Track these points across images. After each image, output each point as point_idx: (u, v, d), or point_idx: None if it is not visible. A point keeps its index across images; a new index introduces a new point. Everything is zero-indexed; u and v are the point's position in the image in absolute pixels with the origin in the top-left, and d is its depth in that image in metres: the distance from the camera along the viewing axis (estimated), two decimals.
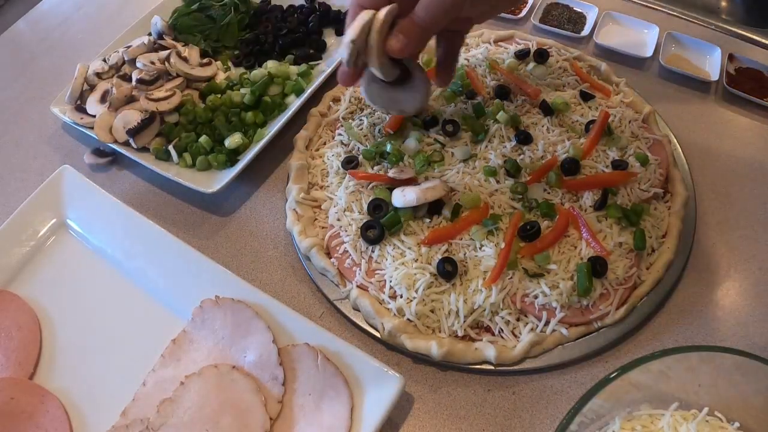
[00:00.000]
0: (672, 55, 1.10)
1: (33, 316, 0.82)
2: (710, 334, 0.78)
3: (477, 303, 0.76)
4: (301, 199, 0.90)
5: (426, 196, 0.81)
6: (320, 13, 1.15)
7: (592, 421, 0.62)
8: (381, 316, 0.77)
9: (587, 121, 0.92)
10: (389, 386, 0.69)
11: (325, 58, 1.12)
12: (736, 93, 1.02)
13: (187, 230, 0.93)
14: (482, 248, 0.80)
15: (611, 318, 0.76)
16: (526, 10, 1.19)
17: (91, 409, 0.75)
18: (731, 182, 0.93)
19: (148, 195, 0.99)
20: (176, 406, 0.70)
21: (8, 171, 1.06)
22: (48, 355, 0.80)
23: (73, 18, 1.35)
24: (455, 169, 0.87)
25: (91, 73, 1.07)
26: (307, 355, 0.73)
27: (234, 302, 0.77)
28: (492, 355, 0.74)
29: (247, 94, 1.01)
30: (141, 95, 1.01)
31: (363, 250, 0.83)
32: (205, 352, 0.76)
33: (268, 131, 0.98)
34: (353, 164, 0.90)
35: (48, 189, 0.91)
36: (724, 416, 0.62)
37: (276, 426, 0.70)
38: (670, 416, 0.61)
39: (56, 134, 1.10)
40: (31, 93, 1.18)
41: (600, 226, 0.81)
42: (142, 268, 0.84)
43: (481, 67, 1.02)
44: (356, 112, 1.00)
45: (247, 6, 1.19)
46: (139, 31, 1.16)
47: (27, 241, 0.89)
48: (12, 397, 0.74)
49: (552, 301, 0.75)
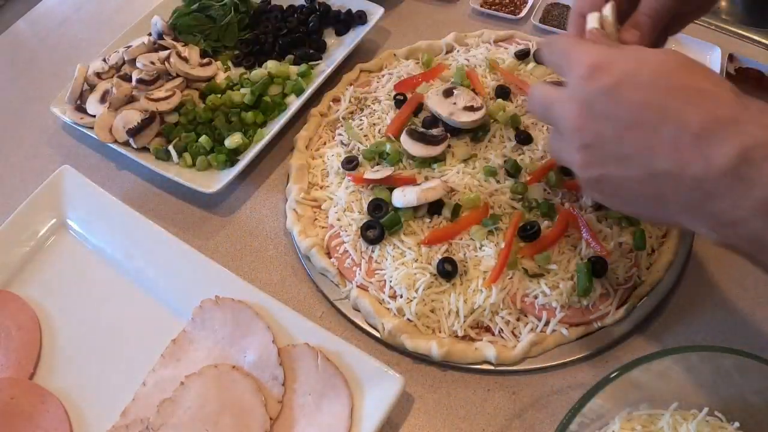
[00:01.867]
0: None
1: (33, 316, 0.82)
2: (710, 334, 0.78)
3: (477, 303, 0.76)
4: (301, 199, 0.90)
5: (426, 196, 0.81)
6: (320, 13, 1.15)
7: (592, 421, 0.62)
8: (381, 316, 0.77)
9: None
10: (389, 386, 0.69)
11: (325, 58, 1.11)
12: None
13: (187, 230, 0.93)
14: (482, 248, 0.80)
15: (611, 318, 0.76)
16: (526, 10, 1.19)
17: (91, 409, 0.75)
18: None
19: (148, 195, 0.99)
20: (176, 406, 0.70)
21: (8, 171, 1.06)
22: (48, 355, 0.80)
23: (73, 18, 1.35)
24: (455, 169, 0.87)
25: (91, 73, 1.07)
26: (307, 355, 0.73)
27: (234, 302, 0.77)
28: (492, 355, 0.74)
29: (247, 94, 1.01)
30: (141, 95, 1.01)
31: (363, 250, 0.83)
32: (205, 352, 0.76)
33: (268, 131, 0.98)
34: (353, 164, 0.90)
35: (48, 189, 0.91)
36: (724, 416, 0.62)
37: (276, 426, 0.70)
38: (670, 416, 0.61)
39: (56, 134, 1.10)
40: (31, 93, 1.18)
41: (600, 226, 0.81)
42: (142, 268, 0.85)
43: (481, 67, 1.02)
44: (356, 112, 1.00)
45: (247, 6, 1.19)
46: (139, 31, 1.16)
47: (27, 241, 0.89)
48: (12, 397, 0.74)
49: (552, 301, 0.75)
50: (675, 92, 0.52)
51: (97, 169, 1.02)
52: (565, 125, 0.58)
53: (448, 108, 0.90)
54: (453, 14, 1.23)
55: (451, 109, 0.89)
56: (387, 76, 1.04)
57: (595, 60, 0.56)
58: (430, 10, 1.24)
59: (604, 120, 0.55)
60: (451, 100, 0.91)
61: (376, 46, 1.18)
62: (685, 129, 0.50)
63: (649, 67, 0.54)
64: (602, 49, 0.58)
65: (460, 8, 1.23)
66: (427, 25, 1.20)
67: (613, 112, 0.54)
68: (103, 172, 1.02)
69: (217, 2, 1.17)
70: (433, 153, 0.87)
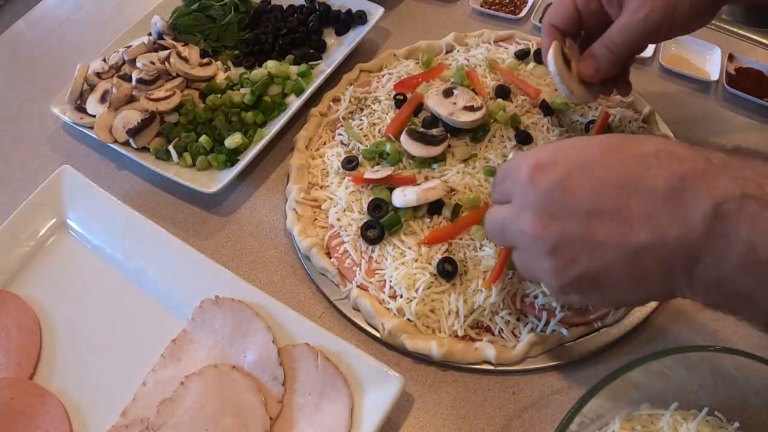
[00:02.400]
0: (672, 55, 1.10)
1: (33, 316, 0.82)
2: (710, 334, 0.77)
3: (477, 303, 0.76)
4: (301, 199, 0.90)
5: (426, 196, 0.81)
6: (320, 13, 1.15)
7: (592, 421, 0.62)
8: (381, 316, 0.77)
9: (587, 121, 0.92)
10: (389, 386, 0.69)
11: (325, 58, 1.12)
12: (736, 93, 1.02)
13: (187, 230, 0.93)
14: (482, 248, 0.80)
15: (611, 318, 0.76)
16: (526, 10, 1.19)
17: (91, 409, 0.75)
18: None
19: (148, 195, 0.99)
20: (176, 406, 0.70)
21: (8, 171, 1.06)
22: (48, 355, 0.80)
23: (73, 18, 1.35)
24: (455, 169, 0.87)
25: (91, 73, 1.07)
26: (307, 355, 0.73)
27: (234, 302, 0.77)
28: (492, 355, 0.74)
29: (247, 94, 1.01)
30: (141, 95, 1.01)
31: (363, 250, 0.83)
32: (205, 352, 0.76)
33: (268, 131, 0.98)
34: (353, 164, 0.90)
35: (48, 189, 0.91)
36: (724, 416, 0.62)
37: (276, 426, 0.70)
38: (670, 416, 0.61)
39: (56, 134, 1.10)
40: (31, 93, 1.18)
41: None
42: (142, 268, 0.84)
43: (481, 67, 1.02)
44: (356, 112, 1.00)
45: (247, 6, 1.19)
46: (139, 31, 1.16)
47: (27, 241, 0.89)
48: (12, 397, 0.74)
49: (552, 301, 0.75)
50: (630, 163, 0.49)
51: (97, 169, 1.02)
52: (525, 239, 0.55)
53: (448, 108, 0.90)
54: (453, 14, 1.23)
55: (451, 109, 0.89)
56: (387, 76, 1.04)
57: (535, 160, 0.53)
58: (430, 10, 1.24)
59: (564, 217, 0.51)
60: (451, 100, 0.91)
61: (376, 46, 1.18)
62: (653, 195, 0.48)
63: (593, 147, 0.51)
64: (540, 148, 0.56)
65: (460, 8, 1.24)
66: (427, 25, 1.20)
67: (572, 204, 0.51)
68: (103, 172, 1.02)
69: (217, 2, 1.17)
70: (433, 153, 0.87)
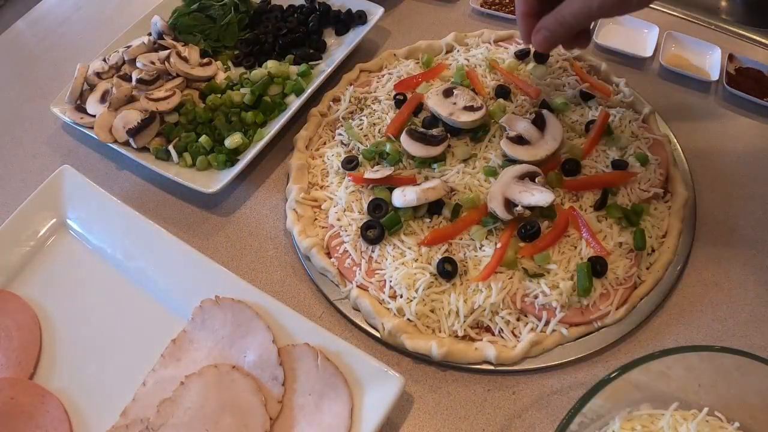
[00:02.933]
0: (672, 55, 1.10)
1: (33, 316, 0.82)
2: (710, 334, 0.78)
3: (477, 303, 0.76)
4: (301, 199, 0.90)
5: (426, 196, 0.81)
6: (320, 13, 1.15)
7: (592, 421, 0.62)
8: (381, 316, 0.77)
9: (587, 121, 0.92)
10: (389, 386, 0.69)
11: (325, 58, 1.12)
12: (736, 93, 1.02)
13: (187, 230, 0.93)
14: (482, 248, 0.80)
15: (611, 318, 0.76)
16: None
17: (91, 409, 0.75)
18: (731, 182, 0.93)
19: (148, 195, 0.99)
20: (176, 406, 0.70)
21: (8, 171, 1.06)
22: (48, 355, 0.80)
23: (73, 18, 1.35)
24: (455, 169, 0.87)
25: (91, 73, 1.07)
26: (307, 355, 0.73)
27: (234, 302, 0.77)
28: (492, 355, 0.74)
29: (247, 94, 1.01)
30: (141, 95, 1.01)
31: (363, 250, 0.83)
32: (205, 352, 0.76)
33: (268, 131, 0.98)
34: (353, 164, 0.90)
35: (48, 189, 0.91)
36: (724, 416, 0.62)
37: (276, 426, 0.70)
38: (670, 416, 0.61)
39: (56, 134, 1.10)
40: (31, 93, 1.18)
41: (600, 226, 0.81)
42: (142, 268, 0.84)
43: (481, 67, 1.02)
44: (356, 112, 1.00)
45: (247, 6, 1.19)
46: (139, 31, 1.16)
47: (27, 241, 0.89)
48: (12, 397, 0.74)
49: (552, 301, 0.75)
50: None
51: (97, 169, 1.03)
52: None
53: (448, 108, 0.90)
54: (453, 14, 1.23)
55: (451, 109, 0.89)
56: (387, 76, 1.04)
57: None
58: (430, 10, 1.24)
59: None
60: (451, 100, 0.91)
61: (376, 46, 1.18)
62: None
63: None
64: None
65: (460, 8, 1.24)
66: (427, 25, 1.20)
67: None
68: (103, 172, 1.02)
69: (217, 2, 1.17)
70: (433, 153, 0.87)
